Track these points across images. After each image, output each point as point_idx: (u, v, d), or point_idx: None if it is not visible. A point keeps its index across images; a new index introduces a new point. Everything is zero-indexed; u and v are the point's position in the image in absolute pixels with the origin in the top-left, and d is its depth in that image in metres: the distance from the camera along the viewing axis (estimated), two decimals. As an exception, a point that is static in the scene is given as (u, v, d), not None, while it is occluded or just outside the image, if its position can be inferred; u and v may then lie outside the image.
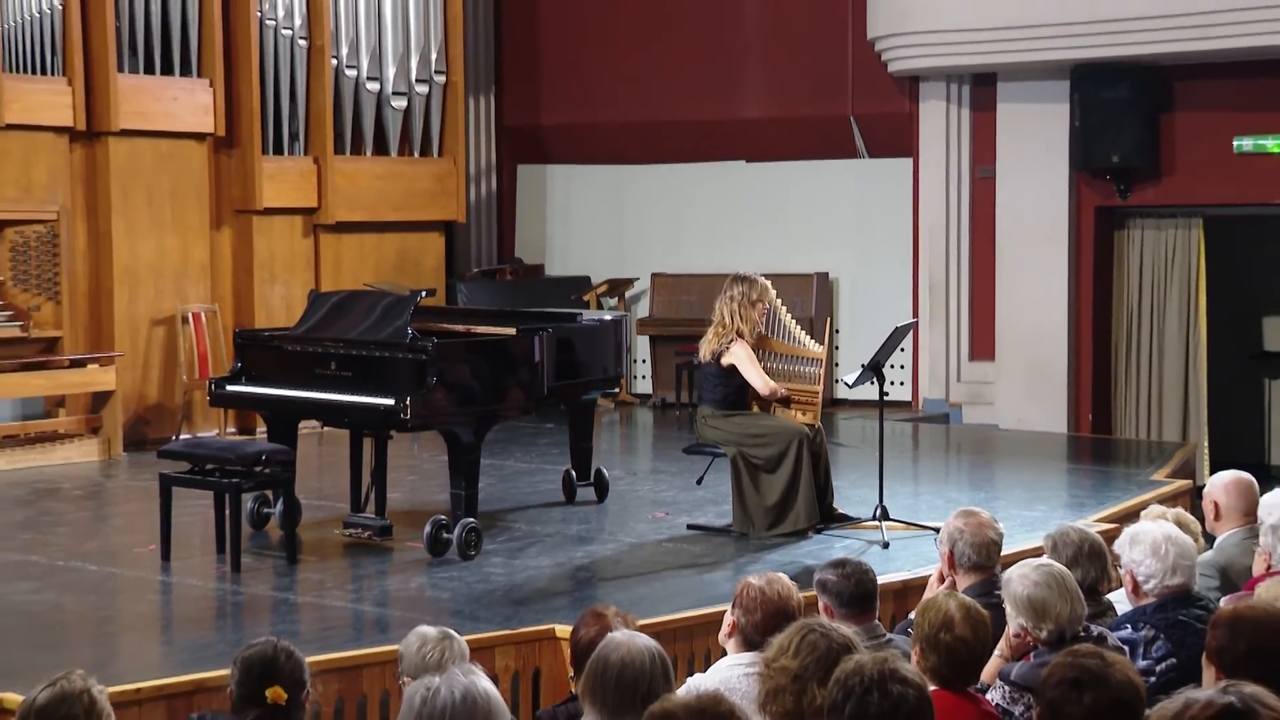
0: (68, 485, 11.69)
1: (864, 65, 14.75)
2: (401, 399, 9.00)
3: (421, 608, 8.12)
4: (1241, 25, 12.42)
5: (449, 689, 3.70)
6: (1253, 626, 4.25)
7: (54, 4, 12.84)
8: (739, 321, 9.65)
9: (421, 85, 15.00)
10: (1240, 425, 14.53)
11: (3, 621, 7.96)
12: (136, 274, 13.41)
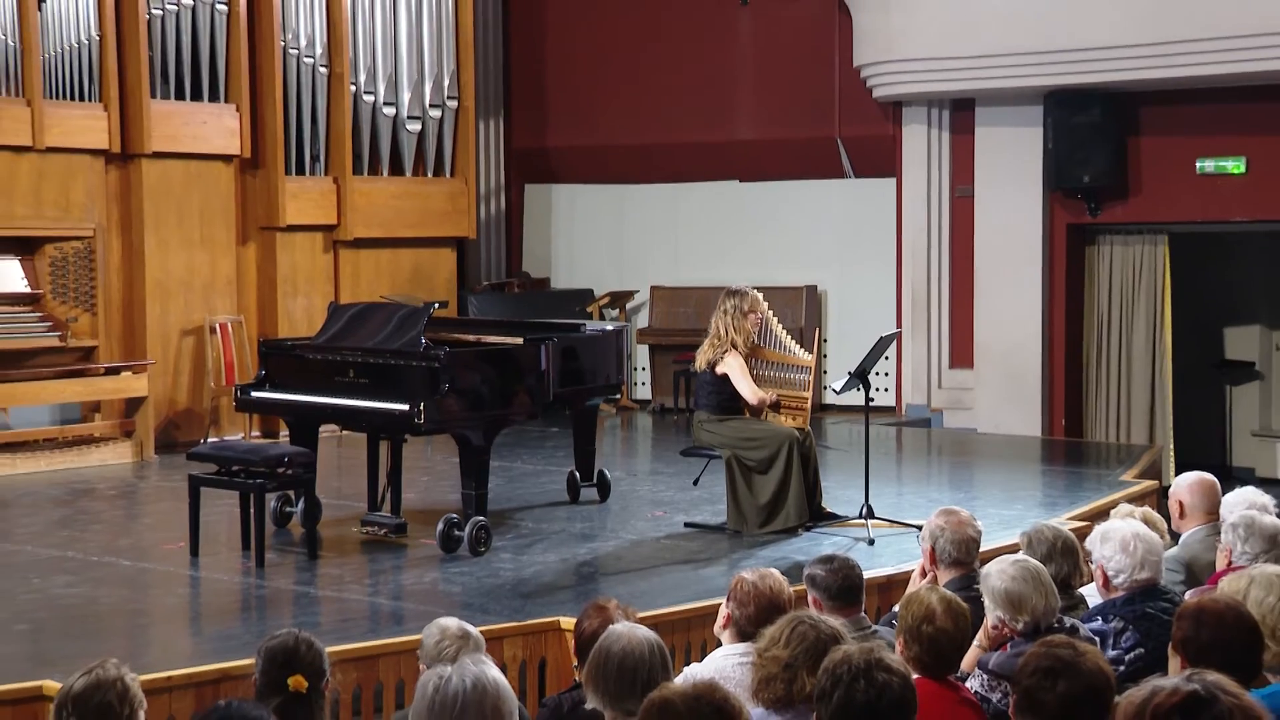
0: (102, 485, 11.69)
1: (850, 91, 14.76)
2: (416, 404, 9.01)
3: (435, 601, 8.13)
4: (1203, 55, 12.43)
5: (460, 678, 3.70)
6: (1215, 618, 4.26)
7: (91, 35, 12.86)
8: (733, 333, 9.66)
9: (435, 110, 15.01)
10: (1203, 429, 14.53)
11: (41, 614, 7.98)
12: (167, 287, 13.42)
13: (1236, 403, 14.89)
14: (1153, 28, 12.53)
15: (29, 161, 12.61)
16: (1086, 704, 3.72)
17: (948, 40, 13.56)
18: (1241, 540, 5.86)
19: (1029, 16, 13.10)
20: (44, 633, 7.64)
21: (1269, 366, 14.85)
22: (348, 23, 14.33)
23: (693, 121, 15.74)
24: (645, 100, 15.95)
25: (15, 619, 7.87)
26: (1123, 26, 12.69)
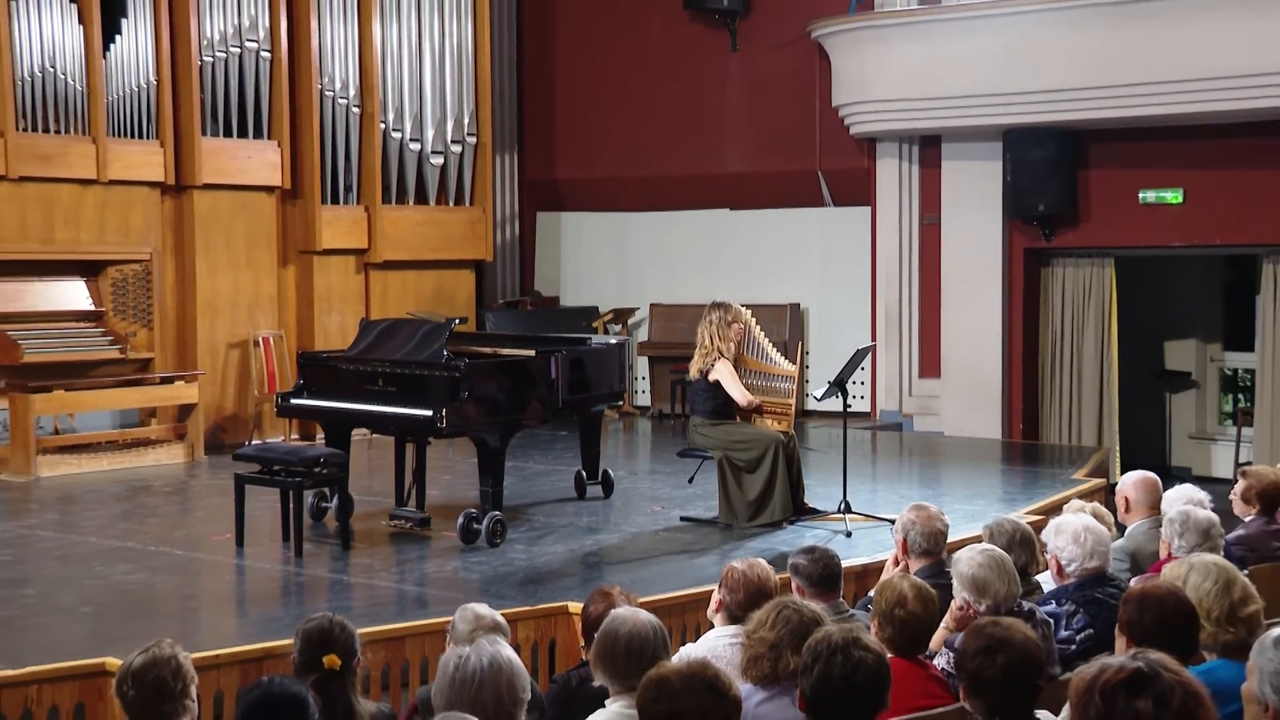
0: (158, 483, 11.69)
1: (829, 128, 14.77)
2: (438, 410, 9.01)
3: (455, 587, 8.13)
4: (1145, 97, 12.45)
5: (478, 657, 3.70)
6: (1157, 603, 4.27)
7: (150, 79, 12.89)
8: (718, 341, 9.66)
9: (456, 145, 15.02)
10: (1146, 432, 14.52)
11: (104, 598, 7.98)
12: (216, 305, 13.44)
13: (1175, 409, 14.90)
14: (1100, 73, 12.56)
15: (94, 193, 12.64)
16: (1023, 670, 3.75)
17: (917, 83, 13.59)
18: (1179, 533, 5.86)
19: (990, 62, 13.12)
20: (106, 615, 7.64)
21: (1204, 376, 14.86)
22: (378, 67, 14.37)
23: (687, 155, 15.76)
24: (645, 136, 15.97)
25: (81, 602, 7.89)
26: (1074, 72, 12.72)
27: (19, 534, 9.73)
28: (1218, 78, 12.03)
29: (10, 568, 8.74)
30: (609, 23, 16.19)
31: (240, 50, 13.44)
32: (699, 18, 15.53)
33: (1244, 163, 12.92)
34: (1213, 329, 14.90)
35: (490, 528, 9.12)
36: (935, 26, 13.60)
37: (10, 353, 12.00)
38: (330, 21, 14.09)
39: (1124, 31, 12.47)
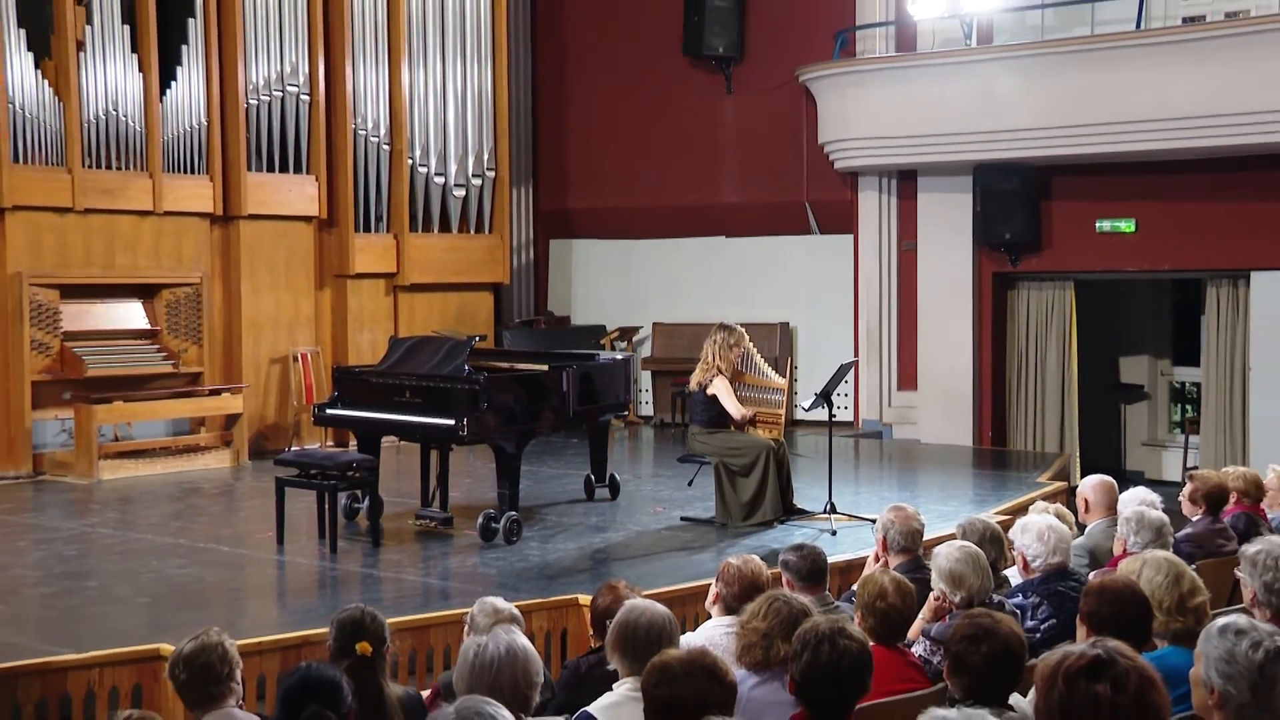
0: (206, 486, 11.70)
1: (815, 163, 14.78)
2: (460, 420, 9.02)
3: (476, 581, 8.11)
4: (1102, 136, 12.46)
5: (496, 645, 3.70)
6: (1114, 595, 4.27)
7: (201, 121, 12.94)
8: (719, 360, 9.67)
9: (476, 179, 15.04)
10: (1103, 439, 14.51)
11: (159, 589, 7.99)
12: (259, 324, 13.45)
13: (1129, 418, 14.89)
14: (1061, 115, 12.58)
15: (150, 223, 12.67)
16: (1005, 661, 3.74)
17: (894, 123, 13.60)
18: (1135, 531, 5.86)
19: (960, 104, 13.13)
20: (160, 605, 7.65)
21: (1155, 388, 14.85)
22: (406, 109, 14.39)
23: (686, 188, 15.77)
24: (647, 170, 15.98)
25: (138, 593, 7.90)
26: (1036, 113, 12.73)
27: (83, 531, 9.74)
28: (1166, 119, 12.06)
29: (75, 562, 8.76)
30: (615, 67, 16.22)
31: (282, 93, 13.48)
32: (697, 63, 15.55)
33: (1191, 196, 12.93)
34: (1162, 346, 14.90)
35: (507, 526, 9.12)
36: (911, 72, 13.61)
37: (76, 367, 12.02)
38: (363, 67, 14.12)
39: (1081, 77, 12.50)
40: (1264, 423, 12.66)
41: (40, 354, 11.95)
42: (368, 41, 14.16)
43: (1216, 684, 3.09)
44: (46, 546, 9.23)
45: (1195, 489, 7.00)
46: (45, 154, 12.01)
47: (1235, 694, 3.07)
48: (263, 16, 13.33)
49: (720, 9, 15.17)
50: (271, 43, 13.40)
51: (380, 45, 14.27)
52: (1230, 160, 12.44)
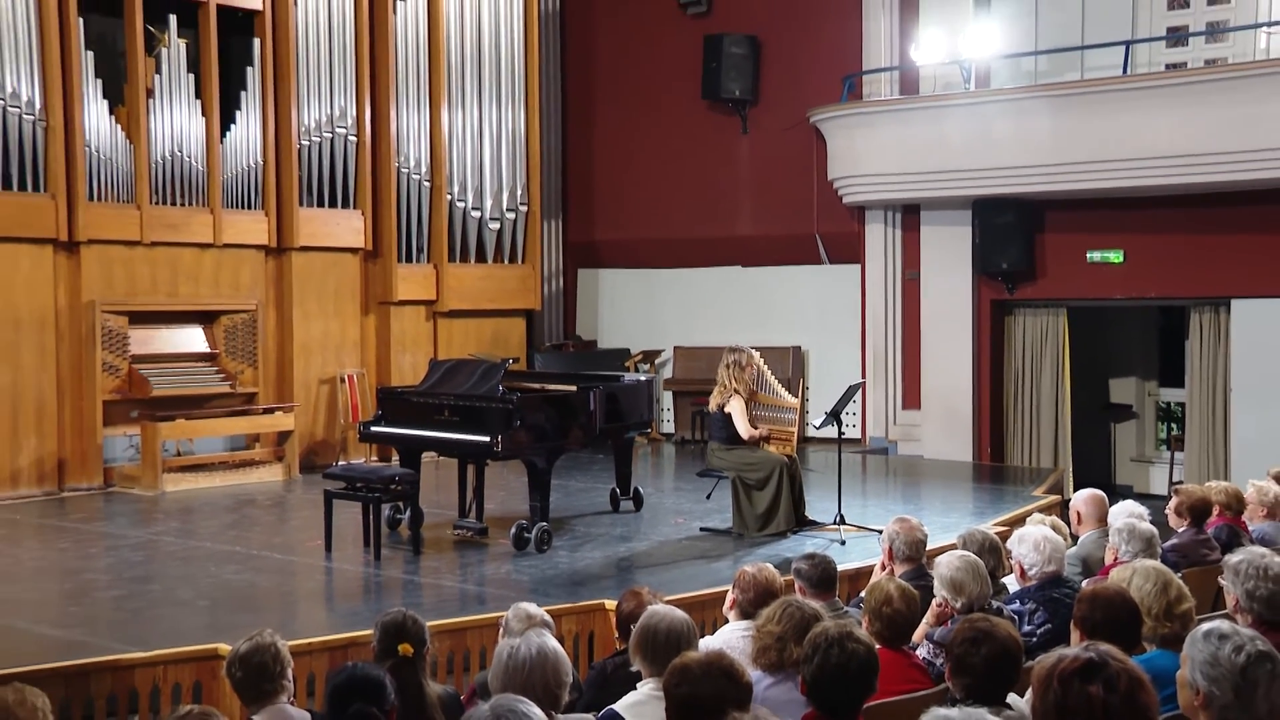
0: (260, 497, 11.73)
1: (826, 198, 14.77)
2: (495, 437, 9.03)
3: (509, 587, 8.12)
4: (1092, 173, 12.42)
5: (528, 647, 3.70)
6: (1106, 602, 4.24)
7: (257, 160, 13.04)
8: (734, 382, 9.67)
9: (510, 213, 15.08)
10: (1094, 455, 14.44)
11: (217, 593, 8.01)
12: (309, 347, 13.50)
13: (1119, 436, 14.82)
14: (1053, 153, 12.55)
15: (211, 255, 12.75)
16: (1003, 663, 3.72)
17: (899, 161, 13.59)
18: (1125, 541, 5.83)
19: (960, 143, 13.12)
20: (218, 607, 7.67)
21: (1143, 408, 14.78)
22: (445, 148, 14.45)
23: (705, 221, 15.79)
24: (669, 205, 16.01)
25: (198, 597, 7.93)
26: (1031, 152, 12.70)
27: (148, 539, 9.78)
28: (1151, 158, 12.04)
29: (140, 567, 8.80)
30: (639, 110, 16.26)
31: (332, 135, 13.55)
32: (715, 106, 15.59)
33: (1175, 229, 12.89)
34: (1149, 368, 14.83)
35: (538, 536, 9.12)
36: (914, 113, 13.61)
37: (142, 387, 12.09)
38: (406, 110, 14.19)
39: (1072, 119, 12.47)
40: (1244, 440, 12.59)
41: (111, 375, 12.02)
42: (410, 86, 14.23)
43: (1201, 685, 3.08)
44: (115, 553, 9.27)
45: (1180, 502, 6.97)
46: (117, 192, 12.11)
47: (1219, 695, 3.06)
48: (314, 64, 13.42)
49: (736, 55, 15.21)
50: (322, 88, 13.49)
51: (422, 90, 14.34)
52: (1211, 196, 12.40)
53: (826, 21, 14.85)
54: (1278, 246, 12.36)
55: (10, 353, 11.53)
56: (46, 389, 11.74)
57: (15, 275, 11.56)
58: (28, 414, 11.63)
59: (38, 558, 9.26)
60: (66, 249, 11.88)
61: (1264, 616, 4.35)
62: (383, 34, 13.97)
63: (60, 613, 7.70)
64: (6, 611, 7.61)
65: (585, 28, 16.74)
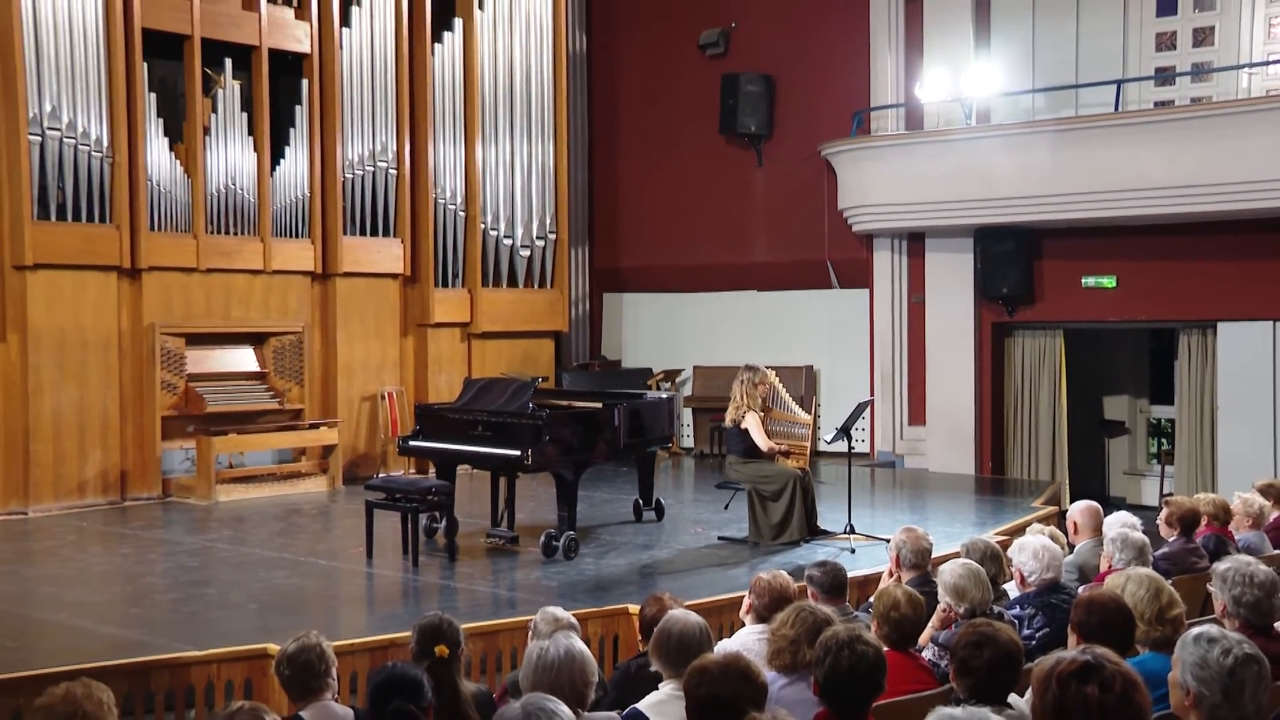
0: (306, 507, 11.77)
1: (836, 226, 14.78)
2: (525, 451, 9.04)
3: (539, 592, 8.11)
4: (1086, 203, 12.41)
5: (556, 648, 3.70)
6: (1101, 607, 4.22)
7: (304, 192, 13.12)
8: (748, 399, 9.66)
9: (539, 240, 15.11)
10: (1090, 468, 14.37)
11: (266, 597, 8.04)
12: (352, 367, 13.54)
13: (1112, 450, 14.74)
14: (1050, 185, 12.55)
15: (261, 280, 12.82)
16: (1004, 665, 3.70)
17: (904, 192, 13.59)
18: (1118, 550, 5.81)
19: (962, 175, 13.11)
20: (268, 610, 7.69)
21: (1135, 424, 14.70)
22: (479, 180, 14.49)
23: (722, 248, 15.81)
24: (688, 233, 16.03)
25: (248, 600, 7.96)
26: (1029, 183, 12.70)
27: (202, 546, 9.83)
28: (1141, 189, 12.03)
29: (196, 572, 8.83)
30: (661, 144, 16.31)
31: (374, 168, 13.62)
32: (732, 140, 15.62)
33: (1165, 256, 12.85)
34: (1141, 387, 14.75)
35: (566, 544, 9.12)
36: (919, 147, 13.61)
37: (197, 404, 12.15)
38: (443, 145, 14.25)
39: (1068, 152, 12.47)
40: (1230, 454, 12.55)
41: (168, 393, 12.09)
42: (447, 123, 14.29)
43: (1192, 686, 3.07)
44: (173, 558, 9.31)
45: (1171, 513, 6.94)
46: (176, 223, 12.19)
47: (1208, 695, 3.05)
48: (358, 103, 13.50)
49: (752, 93, 15.25)
50: (365, 125, 13.56)
51: (457, 126, 14.40)
52: (1198, 224, 12.37)
53: (836, 61, 14.87)
54: (1261, 272, 12.35)
55: (78, 372, 11.61)
56: (110, 405, 11.81)
57: (83, 300, 11.64)
58: (94, 429, 11.70)
59: (102, 562, 9.31)
60: (129, 275, 11.96)
61: (1250, 621, 4.33)
62: (421, 74, 14.05)
63: (123, 614, 7.73)
64: (75, 613, 7.66)
65: (610, 67, 16.81)
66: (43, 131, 11.25)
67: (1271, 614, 4.38)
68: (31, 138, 11.18)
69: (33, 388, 11.35)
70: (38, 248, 11.26)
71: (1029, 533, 6.24)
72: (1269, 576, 4.41)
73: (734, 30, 15.66)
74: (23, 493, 11.31)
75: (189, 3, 12.23)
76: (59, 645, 6.87)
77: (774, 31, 15.38)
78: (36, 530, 10.58)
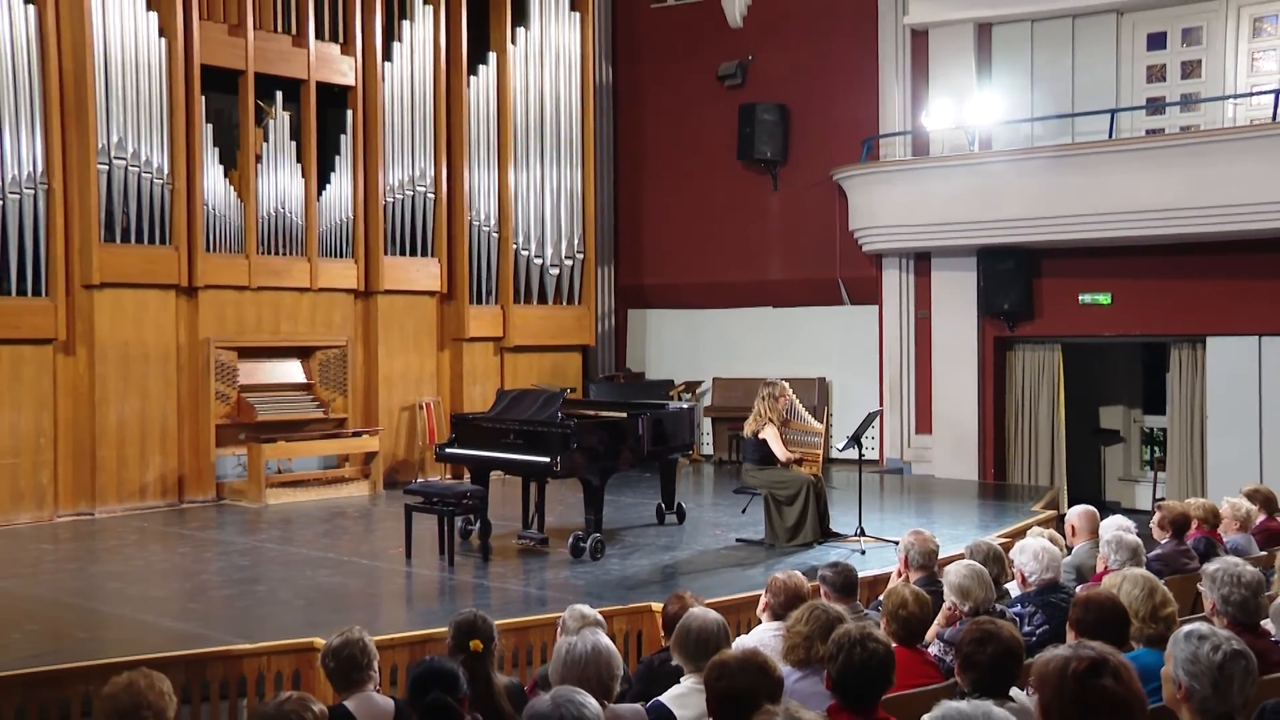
0: (349, 510, 11.81)
1: (847, 246, 14.75)
2: (554, 458, 9.06)
3: (567, 591, 8.12)
4: (1083, 225, 12.37)
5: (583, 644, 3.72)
6: (1098, 606, 4.22)
7: (348, 215, 13.20)
8: (768, 412, 9.66)
9: (568, 260, 15.15)
10: (1086, 475, 14.29)
11: (312, 594, 8.08)
12: (392, 379, 13.59)
13: (1108, 457, 14.66)
14: (1048, 207, 12.52)
15: (308, 298, 12.89)
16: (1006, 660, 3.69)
17: (911, 214, 13.56)
18: (1113, 551, 5.79)
19: (965, 199, 13.08)
20: (314, 606, 7.73)
21: (1129, 433, 14.61)
22: (511, 204, 14.54)
23: (739, 267, 15.79)
24: (708, 253, 16.02)
25: (296, 597, 8.00)
26: (1028, 206, 12.66)
27: (253, 546, 9.88)
28: (1134, 211, 12.00)
29: (247, 570, 8.88)
30: (682, 169, 16.32)
31: (413, 192, 13.69)
32: (749, 165, 15.62)
33: (1157, 274, 12.80)
34: (1135, 398, 14.67)
35: (593, 546, 9.12)
36: (925, 172, 13.58)
37: (249, 413, 12.22)
38: (478, 171, 14.31)
39: (1065, 177, 12.44)
40: (1219, 462, 12.48)
41: (222, 403, 12.16)
42: (481, 150, 14.36)
43: (1183, 680, 3.06)
44: (226, 557, 9.37)
45: (1163, 517, 6.90)
46: (229, 244, 12.29)
47: (1199, 689, 3.05)
48: (398, 132, 13.58)
49: (768, 122, 15.25)
50: (405, 152, 13.64)
51: (491, 153, 14.46)
52: (1188, 245, 12.35)
53: (847, 91, 14.87)
54: (1246, 290, 12.32)
55: (140, 383, 11.70)
56: (169, 414, 11.89)
57: (145, 316, 11.75)
58: (154, 436, 11.79)
59: (162, 560, 9.38)
60: (187, 293, 12.05)
61: (1237, 618, 4.31)
62: (458, 105, 14.12)
63: (181, 609, 7.79)
64: (138, 607, 7.72)
65: (634, 98, 16.85)
66: (110, 160, 11.38)
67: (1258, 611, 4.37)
68: (100, 166, 11.32)
69: (99, 398, 11.45)
70: (104, 268, 11.37)
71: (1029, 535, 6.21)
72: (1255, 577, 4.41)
73: (751, 63, 15.67)
74: (90, 495, 11.41)
75: (244, 40, 12.34)
76: (124, 636, 6.94)
77: (788, 64, 15.39)
78: (102, 530, 10.67)
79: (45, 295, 11.16)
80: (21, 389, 11.08)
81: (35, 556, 9.50)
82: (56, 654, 6.42)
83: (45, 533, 10.61)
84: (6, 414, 10.99)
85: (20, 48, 10.97)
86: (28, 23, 11.02)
